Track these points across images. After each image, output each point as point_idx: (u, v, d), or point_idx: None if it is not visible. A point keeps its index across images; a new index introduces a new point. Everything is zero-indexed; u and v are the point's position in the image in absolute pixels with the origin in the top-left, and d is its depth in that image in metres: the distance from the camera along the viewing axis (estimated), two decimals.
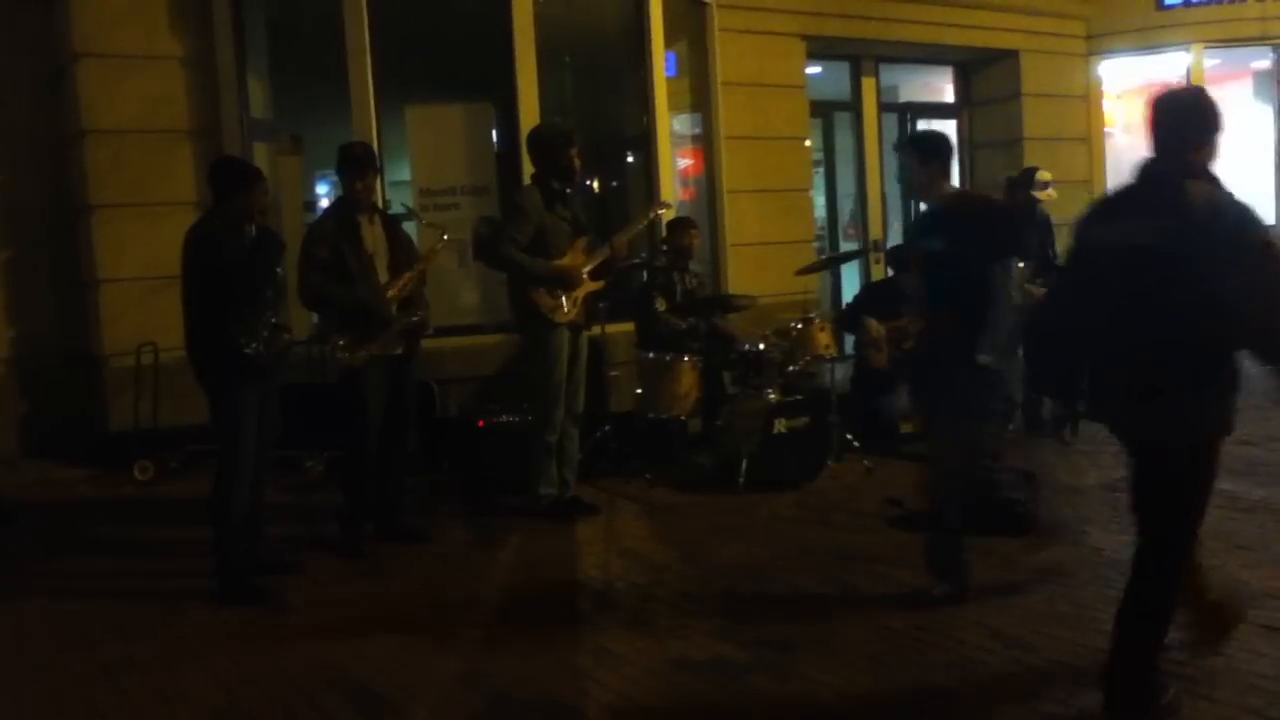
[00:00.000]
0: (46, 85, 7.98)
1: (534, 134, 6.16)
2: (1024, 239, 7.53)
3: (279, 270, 5.11)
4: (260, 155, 8.00)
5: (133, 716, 3.72)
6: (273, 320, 4.88)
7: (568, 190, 5.98)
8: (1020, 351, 7.55)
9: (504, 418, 6.59)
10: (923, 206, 4.82)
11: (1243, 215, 3.08)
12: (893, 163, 12.30)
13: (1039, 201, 7.65)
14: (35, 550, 5.84)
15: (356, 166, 5.46)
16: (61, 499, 6.94)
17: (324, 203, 11.41)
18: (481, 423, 6.63)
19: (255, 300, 4.78)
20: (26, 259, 7.95)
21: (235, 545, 4.84)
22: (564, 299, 5.82)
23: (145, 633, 4.47)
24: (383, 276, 5.44)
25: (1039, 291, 7.48)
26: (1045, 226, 7.77)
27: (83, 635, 4.49)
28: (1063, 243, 8.42)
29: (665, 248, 7.43)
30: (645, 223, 6.49)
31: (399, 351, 5.46)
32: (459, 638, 4.29)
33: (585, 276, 5.92)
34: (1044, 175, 7.73)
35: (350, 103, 7.58)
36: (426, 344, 5.96)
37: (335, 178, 5.64)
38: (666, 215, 7.51)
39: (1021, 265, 7.33)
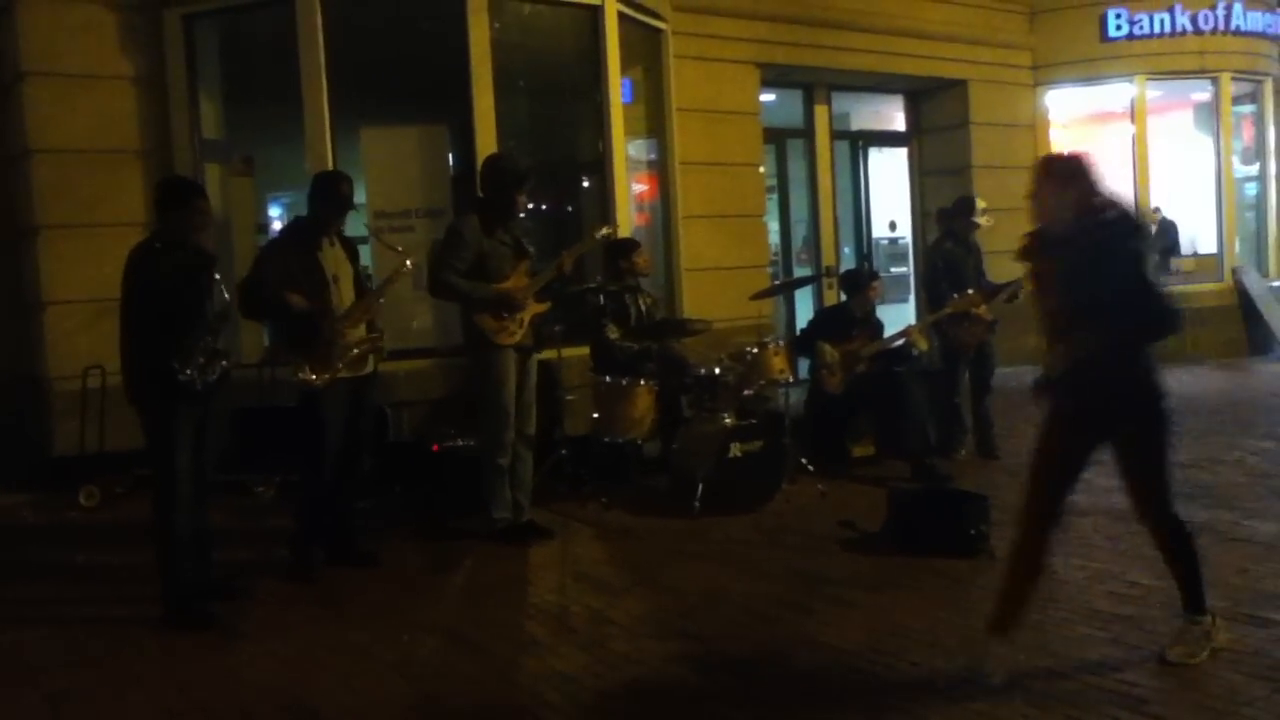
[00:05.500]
0: None
1: (490, 163, 6.16)
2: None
3: (225, 296, 5.03)
4: (212, 176, 7.93)
5: None
6: (212, 346, 4.80)
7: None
8: (968, 375, 7.73)
9: (459, 442, 6.55)
10: None
11: None
12: (845, 189, 12.49)
13: (976, 229, 7.79)
14: None
15: (346, 204, 5.45)
16: (3, 525, 6.79)
17: (276, 225, 11.29)
18: (436, 447, 6.59)
19: (192, 325, 4.71)
20: None
21: (180, 570, 4.75)
22: (509, 322, 5.81)
23: (90, 661, 4.38)
24: (346, 298, 5.42)
25: (987, 316, 7.60)
26: (977, 254, 7.91)
27: (25, 665, 4.38)
28: (1011, 270, 8.55)
29: (611, 271, 7.38)
30: (591, 244, 6.54)
31: (366, 372, 5.43)
32: (411, 662, 4.24)
33: (530, 299, 5.92)
34: (982, 203, 7.87)
35: (304, 124, 7.54)
36: (379, 367, 5.91)
37: (301, 198, 5.57)
38: (614, 234, 7.49)
39: (971, 292, 7.44)
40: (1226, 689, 3.60)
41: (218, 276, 4.87)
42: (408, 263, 5.59)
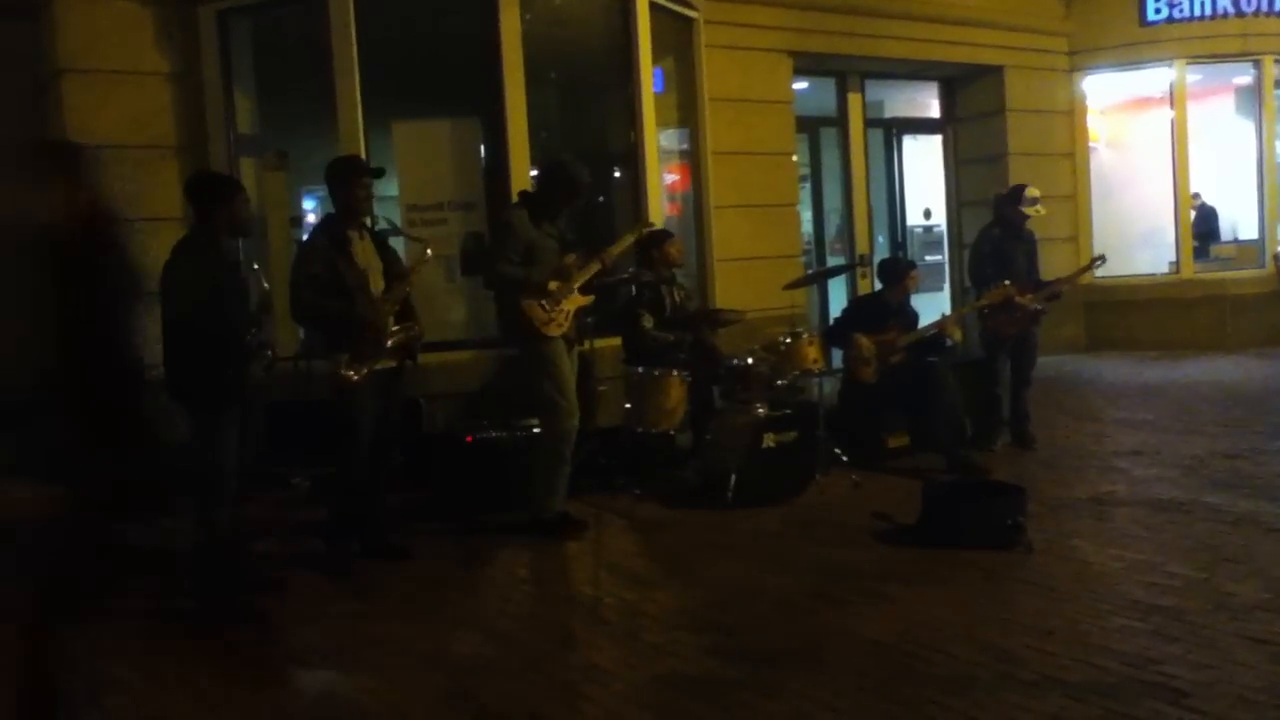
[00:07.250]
0: (30, 100, 7.95)
1: (554, 165, 6.16)
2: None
3: (265, 286, 5.08)
4: (247, 170, 7.99)
5: None
6: (262, 340, 4.85)
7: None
8: (1010, 367, 7.64)
9: (492, 434, 6.56)
10: None
11: None
12: (879, 177, 12.40)
13: (1027, 218, 7.67)
14: (15, 569, 5.76)
15: (359, 171, 5.47)
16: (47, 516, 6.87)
17: (311, 218, 11.38)
18: (470, 438, 6.60)
19: (238, 322, 4.74)
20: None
21: (218, 563, 4.80)
22: (556, 313, 5.83)
23: (128, 653, 4.41)
24: (377, 291, 5.44)
25: (1034, 305, 7.51)
26: (1030, 244, 7.79)
27: (64, 656, 4.43)
28: (1047, 258, 8.46)
29: (644, 261, 7.37)
30: (632, 239, 6.56)
31: (394, 364, 5.45)
32: (446, 655, 4.26)
33: (575, 291, 5.94)
34: (1033, 191, 7.72)
35: (337, 118, 7.57)
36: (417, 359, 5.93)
37: (326, 193, 5.60)
38: (653, 227, 7.48)
39: (1007, 283, 7.36)
40: (1269, 682, 3.55)
41: (256, 267, 4.91)
42: (429, 253, 5.62)
